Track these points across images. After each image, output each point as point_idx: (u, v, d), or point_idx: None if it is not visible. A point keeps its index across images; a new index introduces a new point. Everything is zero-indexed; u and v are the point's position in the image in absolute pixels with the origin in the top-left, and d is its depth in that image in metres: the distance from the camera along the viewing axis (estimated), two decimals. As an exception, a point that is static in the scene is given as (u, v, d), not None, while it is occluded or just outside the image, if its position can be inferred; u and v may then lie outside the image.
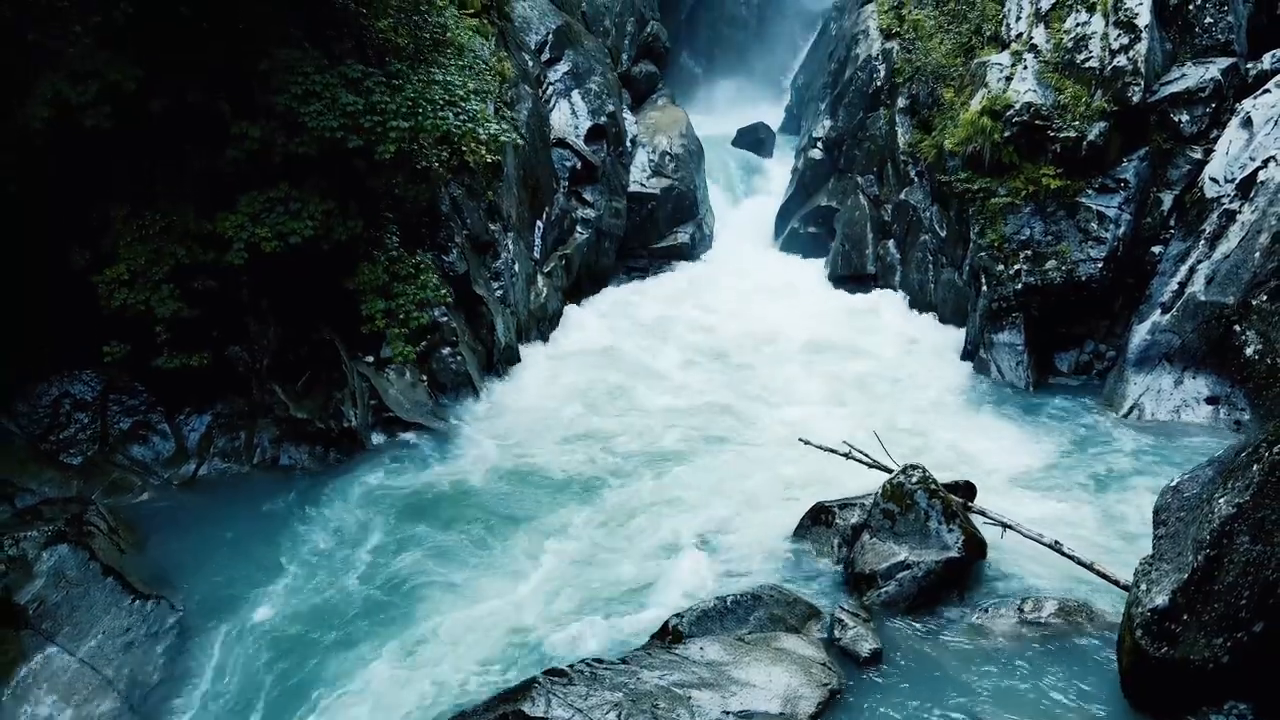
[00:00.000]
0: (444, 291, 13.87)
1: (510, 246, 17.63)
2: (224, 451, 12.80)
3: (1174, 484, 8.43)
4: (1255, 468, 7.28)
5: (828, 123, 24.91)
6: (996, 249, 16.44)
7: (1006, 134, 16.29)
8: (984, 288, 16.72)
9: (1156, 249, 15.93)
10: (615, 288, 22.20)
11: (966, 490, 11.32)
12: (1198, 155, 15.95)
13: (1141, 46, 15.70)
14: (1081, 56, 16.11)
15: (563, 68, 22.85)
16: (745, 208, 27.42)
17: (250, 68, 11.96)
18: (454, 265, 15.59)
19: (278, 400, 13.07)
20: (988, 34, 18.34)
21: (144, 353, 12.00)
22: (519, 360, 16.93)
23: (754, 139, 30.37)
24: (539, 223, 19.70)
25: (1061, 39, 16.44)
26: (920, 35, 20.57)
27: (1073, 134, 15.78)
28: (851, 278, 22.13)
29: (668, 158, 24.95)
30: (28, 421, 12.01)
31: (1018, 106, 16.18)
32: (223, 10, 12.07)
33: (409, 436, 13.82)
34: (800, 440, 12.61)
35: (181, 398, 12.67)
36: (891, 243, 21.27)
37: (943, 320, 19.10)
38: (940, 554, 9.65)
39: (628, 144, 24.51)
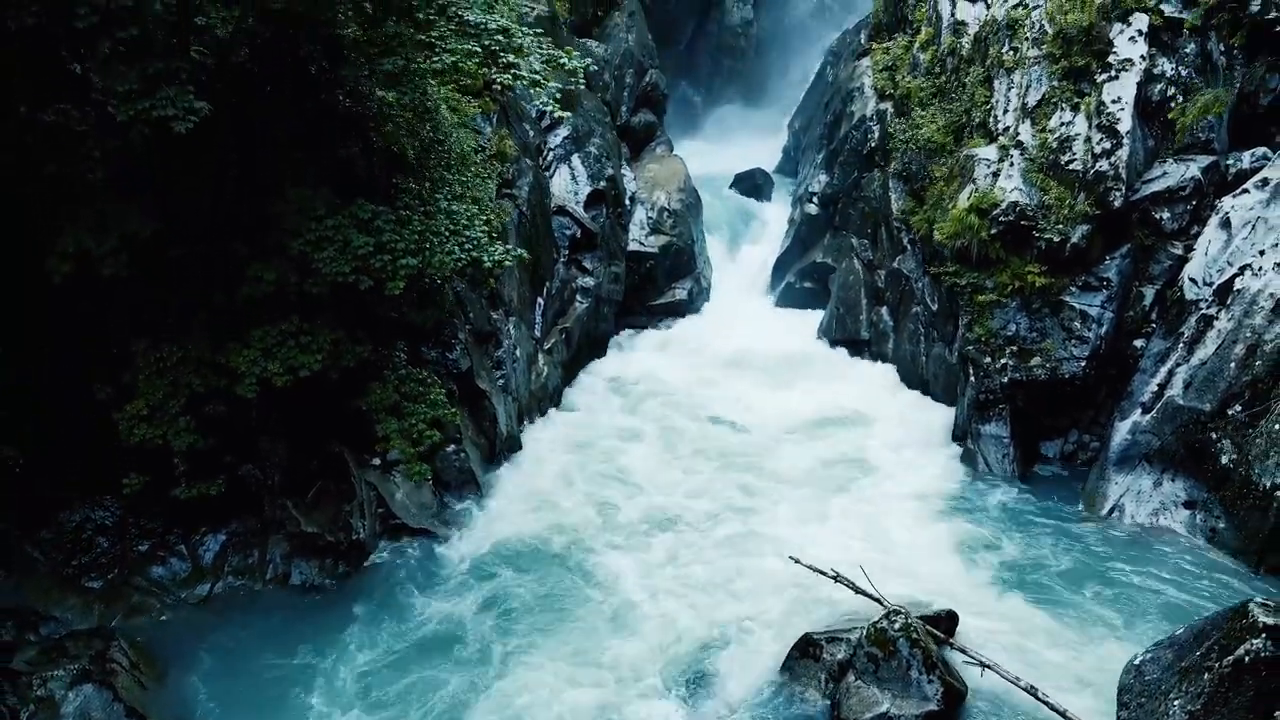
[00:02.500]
0: (453, 410, 14.35)
1: (512, 332, 18.10)
2: (238, 569, 13.33)
3: (1136, 662, 9.00)
4: (1206, 677, 7.83)
5: (824, 178, 25.30)
6: (984, 343, 16.94)
7: (993, 231, 16.79)
8: (972, 378, 17.22)
9: (1139, 343, 16.48)
10: (615, 353, 22.53)
11: (949, 621, 11.85)
12: (1179, 251, 16.46)
13: (1123, 152, 16.16)
14: (1065, 158, 16.56)
15: (562, 132, 23.18)
16: (743, 257, 27.77)
17: (264, 211, 12.40)
18: (457, 363, 16.07)
19: (289, 515, 13.59)
20: (976, 120, 18.74)
21: (162, 481, 12.52)
22: (521, 447, 17.37)
23: (752, 184, 30.67)
24: (539, 300, 20.15)
25: (1046, 138, 16.88)
26: (911, 107, 20.93)
27: (1056, 236, 16.26)
28: (845, 341, 22.63)
29: (666, 214, 25.33)
30: (51, 548, 12.56)
31: (1004, 206, 16.67)
32: (238, 121, 12.52)
33: (414, 544, 14.30)
34: (790, 559, 13.16)
35: (197, 518, 13.19)
36: (885, 310, 21.72)
37: (934, 398, 19.53)
38: (920, 706, 10.21)
39: (626, 203, 24.87)
